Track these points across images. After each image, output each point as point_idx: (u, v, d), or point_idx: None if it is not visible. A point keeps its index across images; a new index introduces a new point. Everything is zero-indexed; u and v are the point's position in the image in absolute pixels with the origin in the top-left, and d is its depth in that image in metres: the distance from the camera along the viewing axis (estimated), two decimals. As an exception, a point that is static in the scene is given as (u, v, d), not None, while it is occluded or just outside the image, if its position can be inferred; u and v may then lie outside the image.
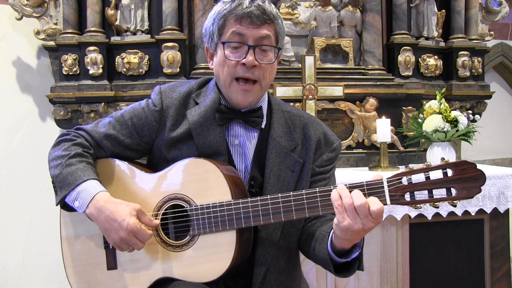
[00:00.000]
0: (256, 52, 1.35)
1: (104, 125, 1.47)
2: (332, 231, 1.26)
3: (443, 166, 1.18)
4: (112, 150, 1.46)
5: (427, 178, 1.19)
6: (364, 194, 1.19)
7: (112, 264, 1.39)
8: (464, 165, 1.17)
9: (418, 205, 1.20)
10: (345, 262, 1.30)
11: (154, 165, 1.47)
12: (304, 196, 1.27)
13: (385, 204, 1.20)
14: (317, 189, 1.27)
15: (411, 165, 1.22)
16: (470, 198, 1.17)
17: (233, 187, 1.32)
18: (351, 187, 1.22)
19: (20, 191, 3.28)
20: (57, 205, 1.37)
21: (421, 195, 1.19)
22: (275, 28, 1.38)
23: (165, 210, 1.37)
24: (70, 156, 1.36)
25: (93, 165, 1.40)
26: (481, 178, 1.16)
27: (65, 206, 1.37)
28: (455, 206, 1.20)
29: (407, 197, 1.20)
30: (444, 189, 1.18)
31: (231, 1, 1.36)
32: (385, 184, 1.21)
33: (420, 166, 1.21)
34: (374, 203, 1.16)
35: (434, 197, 1.19)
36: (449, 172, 1.17)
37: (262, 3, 1.35)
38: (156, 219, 1.35)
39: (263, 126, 1.46)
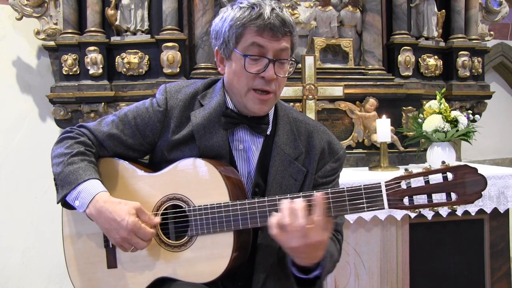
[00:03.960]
0: (276, 65, 1.33)
1: (107, 124, 1.46)
2: None
3: (443, 170, 1.16)
4: (114, 149, 1.45)
5: (427, 182, 1.17)
6: (362, 198, 1.19)
7: (112, 263, 1.40)
8: (465, 169, 1.15)
9: (417, 210, 1.18)
10: (307, 279, 1.29)
11: (155, 164, 1.47)
12: (302, 199, 1.26)
13: (382, 208, 1.19)
14: (315, 192, 1.26)
15: (410, 168, 1.20)
16: (470, 203, 1.14)
17: (232, 188, 1.32)
18: (348, 191, 1.21)
19: (20, 191, 3.28)
20: (58, 203, 1.37)
21: (420, 199, 1.17)
22: (291, 39, 1.36)
23: (164, 210, 1.37)
24: (72, 155, 1.36)
25: (95, 164, 1.40)
26: (482, 183, 1.14)
27: (66, 204, 1.37)
28: (455, 210, 1.17)
29: (406, 201, 1.18)
30: (444, 194, 1.16)
31: (250, 7, 1.32)
32: (383, 188, 1.19)
33: (420, 169, 1.18)
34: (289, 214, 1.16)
35: (434, 201, 1.16)
36: (449, 176, 1.15)
37: (281, 12, 1.32)
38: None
39: (268, 132, 1.44)
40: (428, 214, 2.57)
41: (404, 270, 2.63)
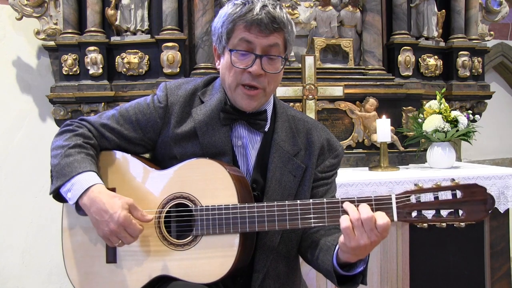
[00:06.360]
0: (263, 60, 1.34)
1: (107, 118, 1.46)
2: (338, 244, 1.26)
3: (453, 187, 1.18)
4: (115, 141, 1.45)
5: (436, 198, 1.19)
6: (372, 209, 1.20)
7: (111, 257, 1.39)
8: (474, 187, 1.17)
9: (424, 224, 1.21)
10: (349, 275, 1.30)
11: (158, 161, 1.47)
12: (311, 206, 1.26)
13: (392, 220, 1.20)
14: (325, 200, 1.27)
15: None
16: (477, 221, 1.17)
17: (240, 190, 1.32)
18: (359, 201, 1.22)
19: (20, 191, 3.28)
20: (50, 194, 1.37)
21: (428, 214, 1.19)
22: (284, 36, 1.36)
23: (170, 208, 1.36)
24: (70, 147, 1.36)
25: (93, 156, 1.40)
26: (490, 202, 1.16)
27: (58, 197, 1.37)
28: (462, 227, 1.21)
29: (414, 215, 1.20)
30: (452, 210, 1.18)
31: (242, 4, 1.33)
32: (394, 201, 1.21)
33: (430, 185, 1.20)
34: (380, 217, 1.17)
35: (441, 217, 1.19)
36: (458, 194, 1.18)
37: (273, 9, 1.32)
38: (159, 216, 1.35)
39: (266, 129, 1.45)
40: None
41: (404, 270, 2.63)
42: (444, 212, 1.19)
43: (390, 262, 2.62)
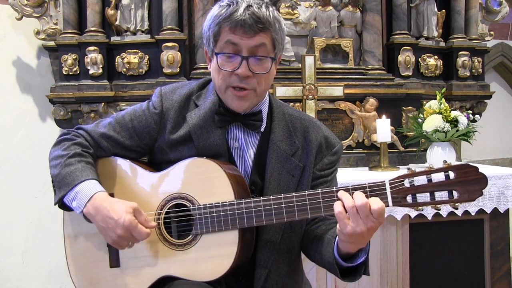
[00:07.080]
0: (251, 61, 1.33)
1: (104, 126, 1.47)
2: (337, 235, 1.26)
3: (445, 169, 1.18)
4: (112, 150, 1.46)
5: (429, 180, 1.19)
6: (366, 196, 1.20)
7: (114, 262, 1.40)
8: (466, 168, 1.17)
9: (420, 207, 1.21)
10: (351, 267, 1.30)
11: (156, 165, 1.48)
12: (307, 197, 1.27)
13: (387, 206, 1.20)
14: (320, 190, 1.27)
15: (413, 167, 1.23)
16: (472, 201, 1.17)
17: (236, 187, 1.32)
18: (353, 189, 1.22)
19: (20, 191, 3.28)
20: (55, 204, 1.38)
21: (423, 197, 1.20)
22: (271, 35, 1.34)
23: (168, 209, 1.37)
24: (69, 156, 1.37)
25: (93, 165, 1.40)
26: (483, 181, 1.17)
27: (63, 206, 1.38)
28: (456, 208, 1.21)
29: (409, 199, 1.20)
30: (446, 192, 1.18)
31: (227, 6, 1.32)
32: (387, 186, 1.21)
33: (423, 168, 1.21)
34: (375, 202, 1.17)
35: (436, 199, 1.19)
36: (451, 175, 1.18)
37: (258, 9, 1.30)
38: (159, 218, 1.36)
39: (263, 129, 1.45)
40: (428, 214, 2.58)
41: (404, 270, 2.63)
42: (438, 194, 1.19)
43: (390, 262, 2.62)
